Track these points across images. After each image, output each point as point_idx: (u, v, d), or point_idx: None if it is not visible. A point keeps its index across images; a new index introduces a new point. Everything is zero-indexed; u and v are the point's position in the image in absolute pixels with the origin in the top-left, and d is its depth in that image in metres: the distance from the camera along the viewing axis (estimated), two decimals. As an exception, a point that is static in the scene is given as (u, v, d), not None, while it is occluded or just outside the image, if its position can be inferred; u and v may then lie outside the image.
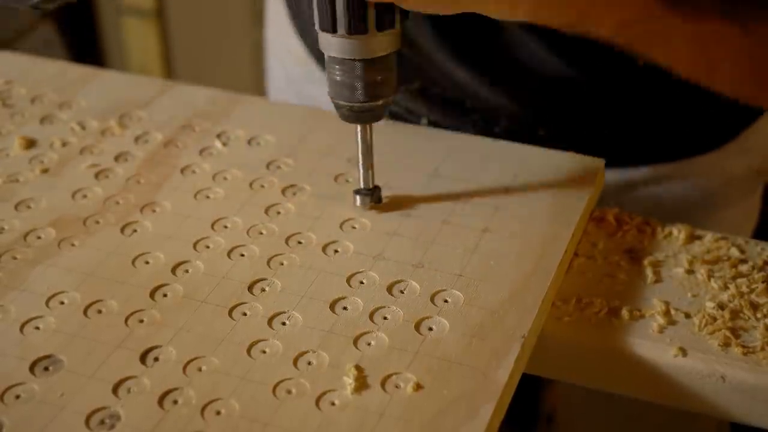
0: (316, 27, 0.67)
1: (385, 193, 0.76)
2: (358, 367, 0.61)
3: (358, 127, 0.73)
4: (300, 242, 0.72)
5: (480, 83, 0.90)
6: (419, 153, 0.81)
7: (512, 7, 0.67)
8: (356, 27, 0.66)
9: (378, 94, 0.69)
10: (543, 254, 0.70)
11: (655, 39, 0.72)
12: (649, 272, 0.72)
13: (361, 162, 0.74)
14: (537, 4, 0.67)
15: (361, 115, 0.71)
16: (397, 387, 0.59)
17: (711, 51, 0.72)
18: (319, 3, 0.66)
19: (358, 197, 0.75)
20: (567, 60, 0.85)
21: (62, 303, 0.67)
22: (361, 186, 0.75)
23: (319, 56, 1.02)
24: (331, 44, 0.68)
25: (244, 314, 0.65)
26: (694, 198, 0.94)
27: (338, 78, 0.69)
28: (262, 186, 0.79)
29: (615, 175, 0.92)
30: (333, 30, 0.66)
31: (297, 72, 1.07)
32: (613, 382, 0.69)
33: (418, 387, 0.59)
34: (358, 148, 0.73)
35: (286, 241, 0.72)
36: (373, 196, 0.75)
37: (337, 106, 0.71)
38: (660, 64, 0.74)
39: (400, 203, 0.76)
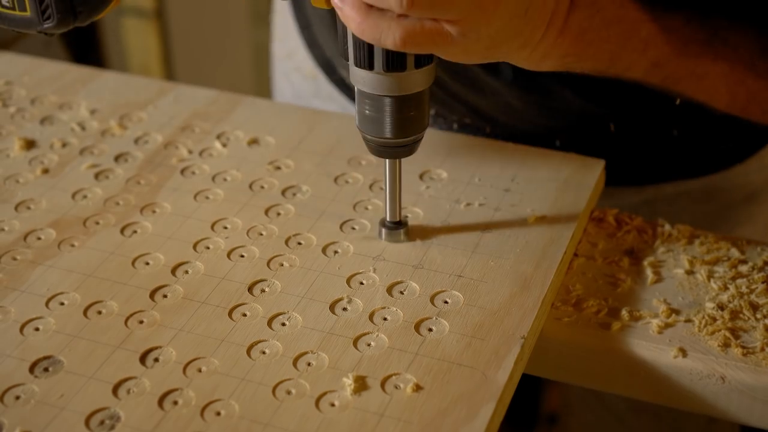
0: (350, 62, 0.63)
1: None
2: (357, 368, 0.60)
3: (387, 166, 0.69)
4: (300, 243, 0.72)
5: (505, 114, 0.89)
6: (419, 153, 0.81)
7: (543, 57, 0.66)
8: (395, 65, 0.62)
9: (408, 131, 0.66)
10: (543, 254, 0.70)
11: (689, 78, 0.72)
12: (649, 272, 0.72)
13: (388, 195, 0.70)
14: (567, 52, 0.66)
15: (391, 151, 0.67)
16: (396, 388, 0.59)
17: (747, 85, 0.73)
18: (355, 40, 0.62)
19: (383, 230, 0.72)
20: (591, 97, 0.84)
21: (62, 304, 0.67)
22: (387, 218, 0.72)
23: (328, 70, 1.01)
24: (365, 80, 0.64)
25: (244, 315, 0.65)
26: (716, 214, 0.93)
27: (368, 112, 0.65)
28: (262, 187, 0.79)
29: (637, 193, 0.92)
30: (370, 67, 0.62)
31: (305, 88, 1.06)
32: (613, 382, 0.69)
33: (418, 388, 0.59)
34: (386, 181, 0.70)
35: (286, 242, 0.72)
36: (400, 229, 0.72)
37: (366, 140, 0.67)
38: (696, 101, 0.74)
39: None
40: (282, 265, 0.70)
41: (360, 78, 0.64)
